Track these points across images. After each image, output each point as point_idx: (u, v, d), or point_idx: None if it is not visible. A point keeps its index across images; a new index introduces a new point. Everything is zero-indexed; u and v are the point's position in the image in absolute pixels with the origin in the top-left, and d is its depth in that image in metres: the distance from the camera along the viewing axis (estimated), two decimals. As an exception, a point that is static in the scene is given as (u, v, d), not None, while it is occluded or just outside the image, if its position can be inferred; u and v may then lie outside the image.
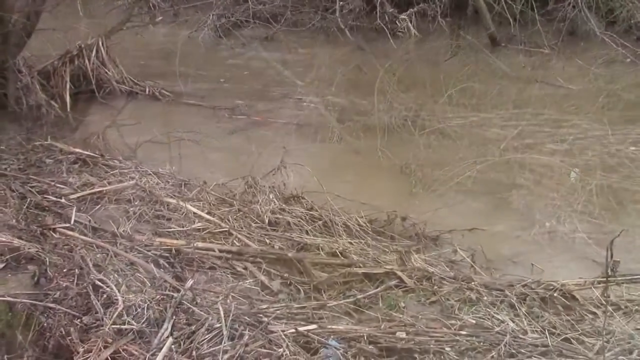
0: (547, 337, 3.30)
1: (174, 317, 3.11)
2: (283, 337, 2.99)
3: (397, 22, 11.94)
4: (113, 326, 3.05)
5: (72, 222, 4.20)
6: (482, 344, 3.17)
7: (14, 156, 5.43)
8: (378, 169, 6.51)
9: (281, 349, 2.91)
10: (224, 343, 2.93)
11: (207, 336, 2.99)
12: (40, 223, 4.14)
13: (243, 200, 4.96)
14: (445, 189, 6.03)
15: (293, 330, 3.09)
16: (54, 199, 4.58)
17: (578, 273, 4.29)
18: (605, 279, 3.75)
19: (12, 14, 7.14)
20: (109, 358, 2.92)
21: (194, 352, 2.89)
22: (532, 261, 4.64)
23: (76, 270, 3.56)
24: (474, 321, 3.42)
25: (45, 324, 3.18)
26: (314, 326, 3.22)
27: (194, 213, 4.56)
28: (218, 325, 3.04)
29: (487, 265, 4.58)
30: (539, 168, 6.58)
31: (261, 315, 3.27)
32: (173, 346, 2.92)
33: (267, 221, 4.64)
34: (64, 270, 3.59)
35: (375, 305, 3.64)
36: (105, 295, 3.32)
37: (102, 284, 3.41)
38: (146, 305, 3.18)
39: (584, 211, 5.67)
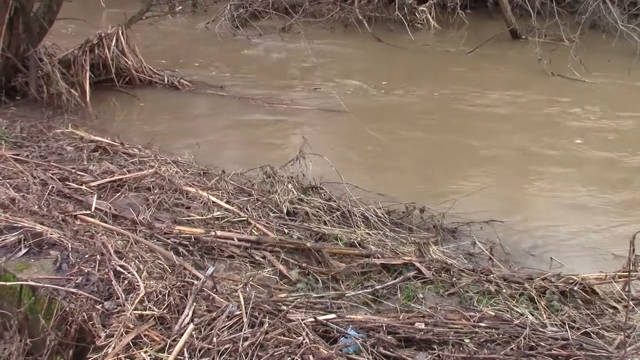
0: (567, 331, 3.28)
1: (195, 304, 3.12)
2: (302, 325, 3.00)
3: (416, 13, 11.89)
4: (134, 312, 3.07)
5: (92, 209, 4.23)
6: (501, 336, 3.15)
7: (35, 143, 5.48)
8: (397, 160, 6.49)
9: (301, 337, 2.91)
10: (245, 330, 2.94)
11: (227, 323, 3.00)
12: (62, 210, 4.17)
13: (261, 189, 4.98)
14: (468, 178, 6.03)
15: (312, 319, 3.09)
16: (75, 186, 4.61)
17: (598, 267, 4.26)
18: (626, 273, 3.72)
19: (33, 3, 7.21)
20: (130, 343, 2.94)
21: (214, 339, 2.89)
22: (551, 255, 4.62)
23: (97, 256, 3.58)
24: (493, 313, 3.40)
25: (67, 309, 3.19)
26: (332, 315, 3.22)
27: (213, 202, 4.57)
28: (238, 312, 3.06)
29: (505, 258, 4.57)
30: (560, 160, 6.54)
31: (280, 303, 3.28)
32: (194, 332, 2.94)
33: (285, 211, 4.65)
34: (86, 256, 3.61)
35: (394, 296, 3.64)
36: (126, 281, 3.34)
37: (123, 270, 3.43)
38: (167, 291, 3.20)
39: (606, 206, 5.62)
